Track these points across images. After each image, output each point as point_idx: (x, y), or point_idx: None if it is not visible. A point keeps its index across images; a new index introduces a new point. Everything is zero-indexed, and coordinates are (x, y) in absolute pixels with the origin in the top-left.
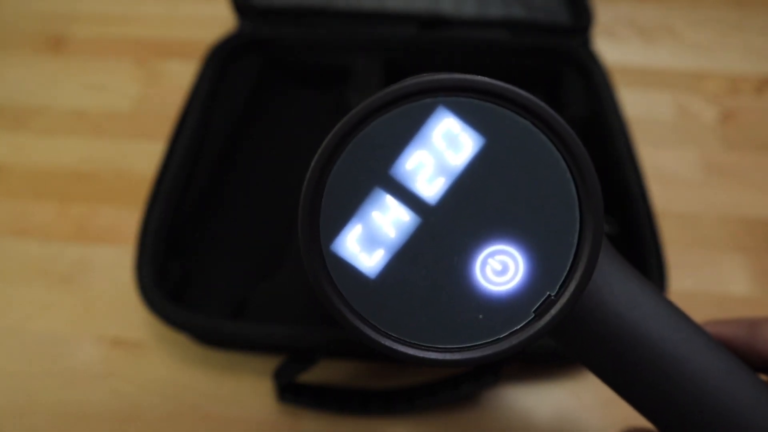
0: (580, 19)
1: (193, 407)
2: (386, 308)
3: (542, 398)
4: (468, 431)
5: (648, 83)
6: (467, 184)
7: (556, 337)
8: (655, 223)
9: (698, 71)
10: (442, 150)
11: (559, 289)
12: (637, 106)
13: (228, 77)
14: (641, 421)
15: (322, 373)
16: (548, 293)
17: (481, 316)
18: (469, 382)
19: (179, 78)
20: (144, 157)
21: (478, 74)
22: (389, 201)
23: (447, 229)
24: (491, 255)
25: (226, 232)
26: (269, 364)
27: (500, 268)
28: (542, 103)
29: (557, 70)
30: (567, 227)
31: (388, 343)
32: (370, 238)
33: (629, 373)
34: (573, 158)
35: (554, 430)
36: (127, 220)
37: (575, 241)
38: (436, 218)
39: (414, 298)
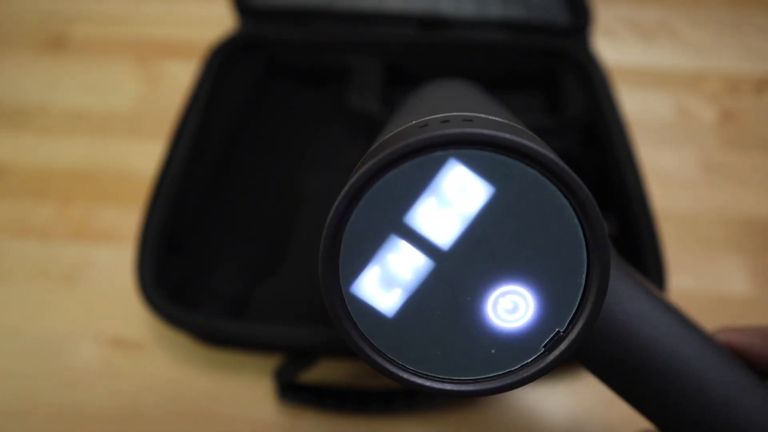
0: (580, 19)
1: (194, 407)
2: (404, 344)
3: (542, 398)
4: (468, 431)
5: (647, 83)
6: (478, 230)
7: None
8: (655, 223)
9: (698, 71)
10: (454, 199)
11: (568, 325)
12: (636, 106)
13: (228, 77)
14: (644, 423)
15: (322, 372)
16: (557, 330)
17: (493, 351)
18: None
19: (180, 78)
20: (144, 157)
21: (477, 76)
22: (404, 247)
23: (460, 272)
24: (502, 295)
25: (227, 232)
26: (269, 364)
27: (511, 307)
28: (550, 154)
29: (556, 70)
30: (574, 269)
31: (406, 376)
32: (387, 280)
33: (642, 388)
34: (580, 205)
35: (554, 429)
36: (127, 220)
37: (582, 281)
38: (450, 262)
39: (430, 335)
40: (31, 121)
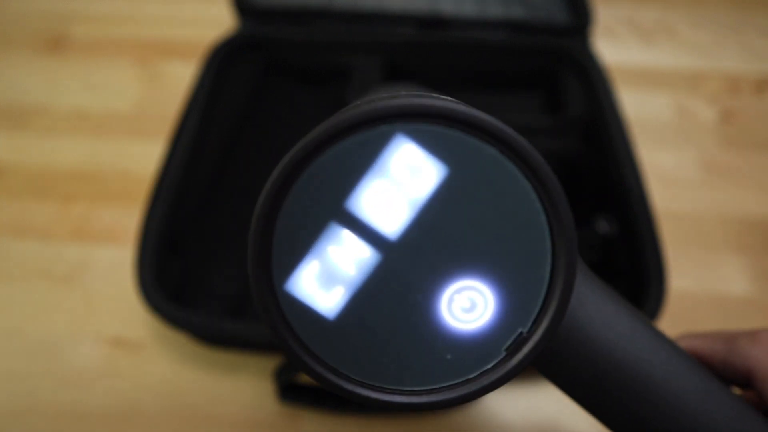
0: (580, 19)
1: (193, 407)
2: (347, 350)
3: (543, 397)
4: (468, 430)
5: (647, 83)
6: (430, 217)
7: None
8: (655, 223)
9: (698, 71)
10: (402, 181)
11: (532, 325)
12: (636, 106)
13: (228, 77)
14: None
15: None
16: (520, 330)
17: (449, 356)
18: None
19: (180, 78)
20: (144, 157)
21: (477, 76)
22: (346, 237)
23: (410, 265)
24: (458, 291)
25: (227, 232)
26: (269, 364)
27: (468, 305)
28: (509, 129)
29: (556, 70)
30: (538, 260)
31: (349, 387)
32: (327, 276)
33: (605, 398)
34: (543, 187)
35: (555, 429)
36: (127, 220)
37: (547, 274)
38: (398, 254)
39: (377, 339)
40: (31, 121)
